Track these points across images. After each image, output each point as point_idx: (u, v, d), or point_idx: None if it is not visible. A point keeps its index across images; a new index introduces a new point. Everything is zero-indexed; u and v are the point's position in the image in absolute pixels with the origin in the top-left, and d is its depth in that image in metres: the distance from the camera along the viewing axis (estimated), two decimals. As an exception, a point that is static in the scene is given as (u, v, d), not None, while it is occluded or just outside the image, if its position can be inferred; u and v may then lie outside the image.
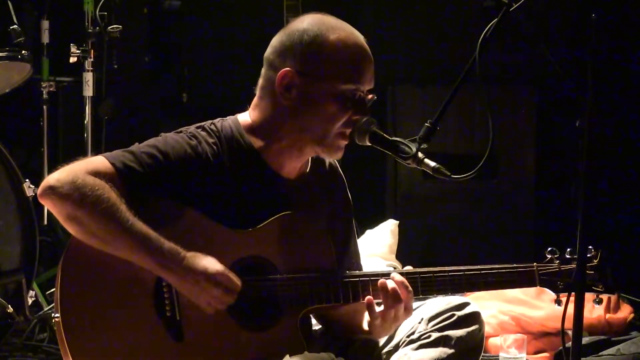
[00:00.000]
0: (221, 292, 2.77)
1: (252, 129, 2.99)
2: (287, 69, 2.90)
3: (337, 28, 2.94)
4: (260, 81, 2.99)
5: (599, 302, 3.09)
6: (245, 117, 3.02)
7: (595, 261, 3.05)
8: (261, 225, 2.93)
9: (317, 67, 2.90)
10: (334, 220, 3.13)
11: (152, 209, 2.82)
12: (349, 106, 2.90)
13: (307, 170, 3.08)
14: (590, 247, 2.99)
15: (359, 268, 3.18)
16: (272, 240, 2.93)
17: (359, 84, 2.91)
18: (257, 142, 2.98)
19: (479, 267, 3.01)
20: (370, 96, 2.94)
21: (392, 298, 2.89)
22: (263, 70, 2.98)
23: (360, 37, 2.97)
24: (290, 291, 2.91)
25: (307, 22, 2.95)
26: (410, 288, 2.91)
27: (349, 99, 2.89)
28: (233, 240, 2.89)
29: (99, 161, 2.82)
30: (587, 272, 2.96)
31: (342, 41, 2.91)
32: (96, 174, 2.77)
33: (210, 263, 2.77)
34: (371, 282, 2.96)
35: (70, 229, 2.78)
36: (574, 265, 3.02)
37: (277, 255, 2.93)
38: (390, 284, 2.90)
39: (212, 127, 2.97)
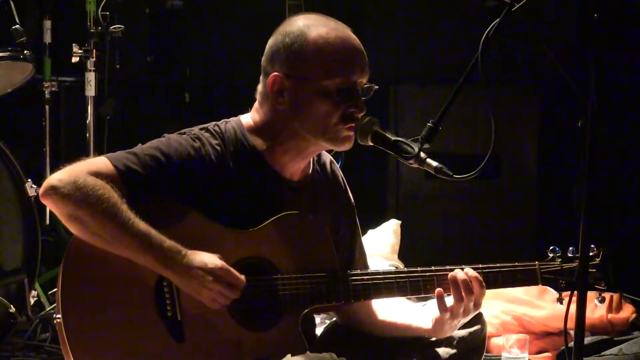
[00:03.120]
0: (222, 286, 2.77)
1: (254, 131, 2.99)
2: (275, 73, 2.91)
3: (319, 25, 2.93)
4: (259, 87, 3.00)
5: (602, 300, 3.09)
6: (248, 119, 3.02)
7: (597, 260, 3.05)
8: (262, 225, 2.93)
9: (301, 68, 2.90)
10: (338, 223, 3.14)
11: (153, 210, 2.82)
12: (339, 100, 2.89)
13: (310, 173, 3.08)
14: (592, 245, 2.99)
15: (366, 268, 3.18)
16: (272, 240, 2.93)
17: (346, 76, 2.89)
18: (260, 144, 2.98)
19: (480, 265, 3.01)
20: (365, 85, 2.93)
21: (465, 290, 2.92)
22: (261, 77, 2.99)
23: (344, 31, 2.95)
24: (291, 291, 2.91)
25: (290, 24, 2.96)
26: (483, 284, 2.95)
27: (338, 92, 2.89)
28: (234, 241, 2.89)
29: (101, 162, 2.83)
30: (589, 270, 2.96)
31: (322, 37, 2.91)
32: (98, 174, 2.77)
33: (209, 258, 2.78)
34: (372, 281, 2.97)
35: (72, 228, 2.79)
36: (576, 264, 3.02)
37: (277, 255, 2.93)
38: (462, 277, 2.93)
39: (216, 128, 2.98)
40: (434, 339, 3.05)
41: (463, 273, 2.94)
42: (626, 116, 5.96)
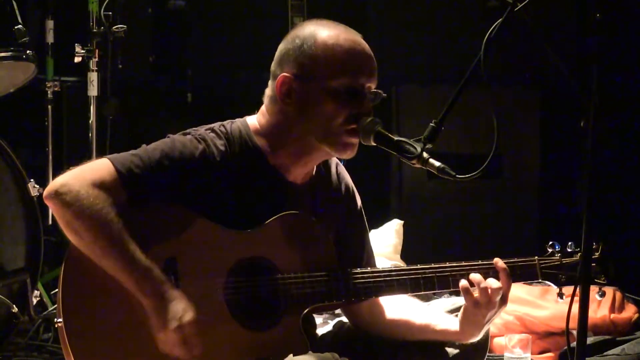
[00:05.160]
0: (178, 342, 2.73)
1: (259, 133, 2.99)
2: (284, 74, 2.92)
3: (329, 28, 2.95)
4: (267, 90, 3.00)
5: (602, 295, 3.09)
6: (253, 121, 3.02)
7: (597, 254, 3.05)
8: (262, 225, 2.93)
9: (310, 68, 2.90)
10: (344, 229, 3.13)
11: (155, 212, 2.83)
12: (346, 101, 2.89)
13: (314, 175, 3.08)
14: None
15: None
16: (273, 240, 2.93)
17: (354, 77, 2.90)
18: (264, 146, 2.98)
19: (480, 262, 3.00)
20: (373, 90, 2.93)
21: (489, 291, 2.91)
22: (269, 81, 2.99)
23: (354, 35, 2.96)
24: (292, 291, 2.91)
25: (300, 29, 2.98)
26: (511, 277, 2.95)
27: (345, 94, 2.89)
28: (234, 241, 2.89)
29: (105, 169, 2.81)
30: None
31: (332, 39, 2.91)
32: (101, 185, 2.77)
33: (186, 309, 2.73)
34: (372, 280, 2.98)
35: (69, 236, 2.79)
36: (575, 259, 3.03)
37: (278, 254, 2.93)
38: (483, 278, 2.93)
39: (222, 128, 2.98)
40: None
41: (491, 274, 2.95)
42: (628, 115, 5.96)
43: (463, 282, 2.94)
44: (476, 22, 5.86)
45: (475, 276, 2.94)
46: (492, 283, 2.92)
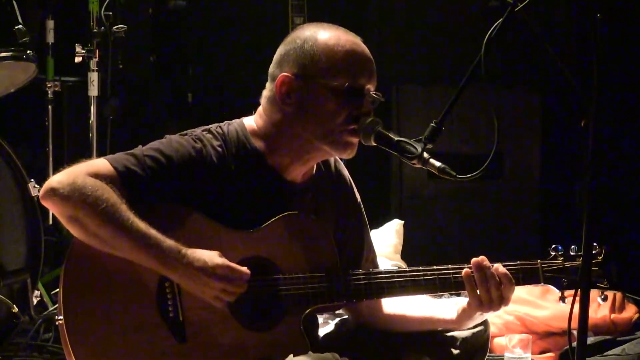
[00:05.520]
0: (224, 284, 2.76)
1: (257, 134, 3.00)
2: (285, 74, 2.92)
3: (330, 29, 2.97)
4: (265, 92, 3.01)
5: (604, 298, 3.09)
6: (250, 122, 3.02)
7: (600, 258, 3.04)
8: (263, 225, 2.93)
9: (311, 67, 2.91)
10: (343, 223, 3.13)
11: (154, 211, 2.83)
12: (346, 101, 2.90)
13: (313, 174, 3.08)
14: (594, 243, 2.98)
15: (375, 267, 3.18)
16: (274, 241, 2.94)
17: (354, 78, 2.91)
18: (262, 147, 2.98)
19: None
20: (373, 93, 2.94)
21: (489, 275, 2.94)
22: (267, 83, 3.00)
23: (354, 37, 2.98)
24: (292, 291, 2.92)
25: (300, 31, 2.99)
26: (513, 280, 2.96)
27: (345, 93, 2.90)
28: (235, 241, 2.90)
29: (101, 164, 2.83)
30: (592, 268, 2.96)
31: (333, 39, 2.93)
32: (97, 175, 2.78)
33: (209, 257, 2.77)
34: (374, 281, 2.97)
35: (72, 230, 2.79)
36: (578, 262, 3.02)
37: (279, 255, 2.94)
38: (487, 264, 2.95)
39: (218, 129, 2.98)
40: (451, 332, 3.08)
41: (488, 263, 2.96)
42: (629, 115, 5.95)
43: (466, 269, 2.96)
44: (476, 22, 5.86)
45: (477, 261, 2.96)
46: (499, 267, 2.94)
